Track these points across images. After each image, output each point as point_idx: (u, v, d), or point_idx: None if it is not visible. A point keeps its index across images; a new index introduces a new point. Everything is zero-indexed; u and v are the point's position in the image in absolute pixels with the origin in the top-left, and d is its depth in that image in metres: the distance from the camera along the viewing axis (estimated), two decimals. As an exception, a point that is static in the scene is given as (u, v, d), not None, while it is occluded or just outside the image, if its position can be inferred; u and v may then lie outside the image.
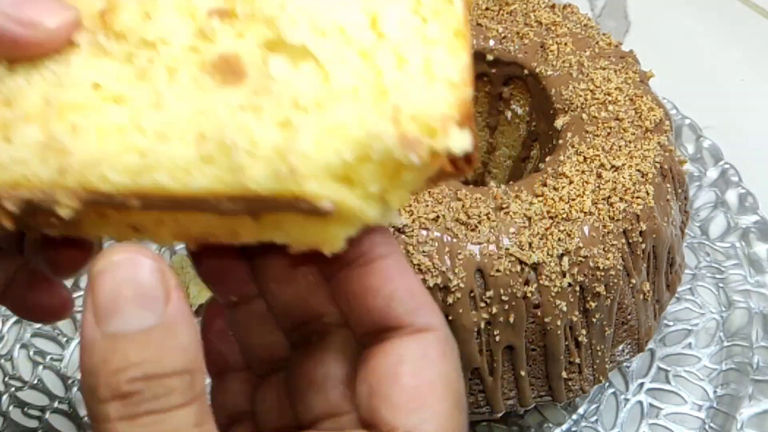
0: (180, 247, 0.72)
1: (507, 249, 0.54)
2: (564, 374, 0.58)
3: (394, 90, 0.30)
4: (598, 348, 0.58)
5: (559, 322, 0.55)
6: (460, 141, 0.29)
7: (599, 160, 0.58)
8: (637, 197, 0.57)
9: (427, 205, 0.55)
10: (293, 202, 0.30)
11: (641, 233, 0.57)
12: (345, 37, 0.31)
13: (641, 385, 0.68)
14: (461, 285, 0.53)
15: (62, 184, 0.31)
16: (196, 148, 0.30)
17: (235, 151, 0.30)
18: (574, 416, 0.66)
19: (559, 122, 0.61)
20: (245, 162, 0.30)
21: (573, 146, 0.59)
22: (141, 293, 0.28)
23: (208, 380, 0.32)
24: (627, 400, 0.67)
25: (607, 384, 0.67)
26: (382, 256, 0.34)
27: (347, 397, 0.34)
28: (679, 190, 0.62)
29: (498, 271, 0.53)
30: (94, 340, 0.28)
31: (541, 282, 0.54)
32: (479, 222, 0.54)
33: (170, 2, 0.33)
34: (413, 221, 0.54)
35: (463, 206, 0.55)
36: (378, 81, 0.30)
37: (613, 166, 0.57)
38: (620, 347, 0.61)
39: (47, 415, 0.66)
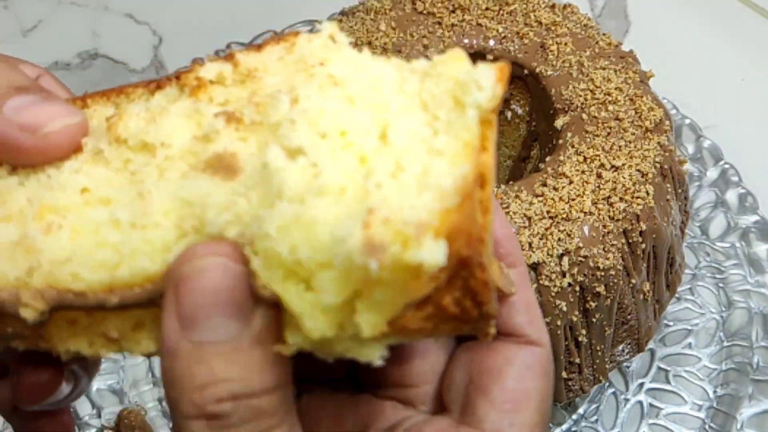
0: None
1: (507, 249, 0.54)
2: (564, 374, 0.58)
3: (375, 193, 0.28)
4: (598, 348, 0.58)
5: (559, 322, 0.55)
6: (434, 254, 0.26)
7: (599, 160, 0.58)
8: (637, 197, 0.57)
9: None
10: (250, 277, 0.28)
11: (641, 233, 0.57)
12: (345, 140, 0.29)
13: (641, 385, 0.68)
14: (461, 285, 0.53)
15: (29, 283, 0.30)
16: (175, 231, 0.30)
17: (214, 221, 0.29)
18: (574, 416, 0.66)
19: (559, 122, 0.61)
20: (222, 226, 0.29)
21: (573, 146, 0.59)
22: (229, 301, 0.27)
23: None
24: (627, 400, 0.67)
25: (607, 384, 0.67)
26: (512, 264, 0.34)
27: (428, 373, 0.35)
28: (679, 190, 0.62)
29: (498, 271, 0.53)
30: (177, 347, 0.27)
31: (541, 282, 0.54)
32: (479, 222, 0.54)
33: (179, 108, 0.32)
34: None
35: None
36: (365, 184, 0.28)
37: (613, 166, 0.57)
38: (620, 347, 0.61)
39: (47, 415, 0.66)
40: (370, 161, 0.29)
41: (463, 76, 0.29)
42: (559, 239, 0.54)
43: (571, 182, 0.56)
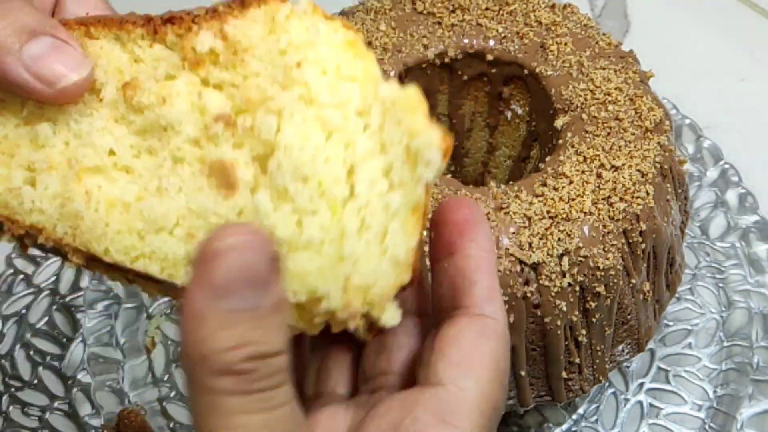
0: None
1: (507, 249, 0.54)
2: (564, 374, 0.58)
3: (349, 259, 0.34)
4: (598, 348, 0.58)
5: (559, 322, 0.55)
6: (392, 318, 0.35)
7: (599, 160, 0.58)
8: (637, 197, 0.57)
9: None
10: None
11: (641, 233, 0.57)
12: (321, 189, 0.34)
13: (641, 385, 0.68)
14: (461, 285, 0.53)
15: (72, 244, 0.36)
16: (185, 246, 0.35)
17: None
18: (574, 416, 0.66)
19: (559, 122, 0.61)
20: None
21: (573, 146, 0.59)
22: (254, 276, 0.31)
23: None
24: (627, 400, 0.67)
25: (607, 384, 0.67)
26: (480, 249, 0.39)
27: (405, 362, 0.40)
28: (679, 190, 0.62)
29: (498, 271, 0.53)
30: (204, 313, 0.30)
31: (541, 282, 0.54)
32: (479, 222, 0.54)
33: (184, 90, 0.36)
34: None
35: (463, 206, 0.55)
36: (340, 243, 0.34)
37: (613, 166, 0.57)
38: (620, 347, 0.61)
39: (47, 415, 0.66)
40: (340, 213, 0.34)
41: (415, 143, 0.34)
42: (559, 239, 0.54)
43: (571, 182, 0.56)
